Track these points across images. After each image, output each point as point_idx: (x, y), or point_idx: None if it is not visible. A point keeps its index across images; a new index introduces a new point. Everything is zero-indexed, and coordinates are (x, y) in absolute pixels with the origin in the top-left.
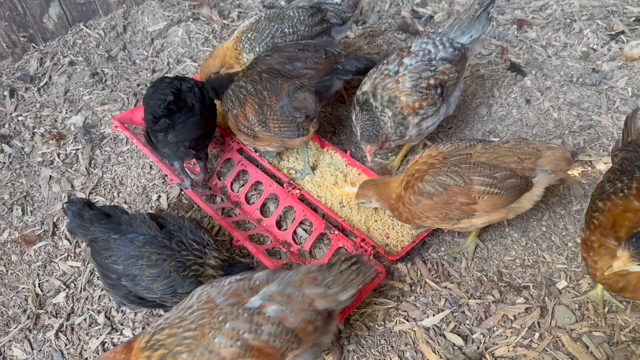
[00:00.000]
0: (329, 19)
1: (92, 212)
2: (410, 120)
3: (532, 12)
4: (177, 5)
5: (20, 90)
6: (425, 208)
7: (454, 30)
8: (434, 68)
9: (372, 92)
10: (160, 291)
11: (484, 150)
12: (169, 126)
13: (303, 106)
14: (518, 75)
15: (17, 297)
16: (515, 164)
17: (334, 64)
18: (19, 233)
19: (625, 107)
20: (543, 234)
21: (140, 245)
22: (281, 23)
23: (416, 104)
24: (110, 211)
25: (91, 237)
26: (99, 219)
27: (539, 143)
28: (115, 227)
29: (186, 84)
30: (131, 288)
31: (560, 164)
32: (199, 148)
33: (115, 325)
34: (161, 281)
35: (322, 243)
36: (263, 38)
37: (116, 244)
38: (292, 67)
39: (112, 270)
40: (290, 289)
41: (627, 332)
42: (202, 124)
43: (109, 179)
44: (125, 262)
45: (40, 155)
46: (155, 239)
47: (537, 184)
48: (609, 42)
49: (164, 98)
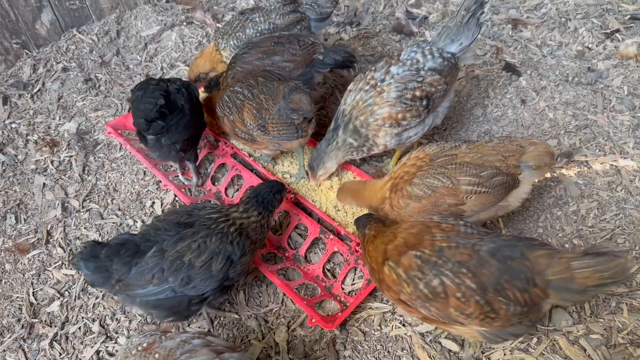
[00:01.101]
0: (304, 11)
1: (106, 247)
2: (381, 138)
3: (527, 12)
4: (170, 10)
5: (14, 97)
6: (413, 211)
7: (443, 38)
8: (422, 79)
9: (348, 116)
10: (221, 271)
11: (468, 151)
12: (162, 129)
13: (299, 107)
14: (513, 75)
15: (11, 307)
16: (500, 162)
17: (312, 54)
18: (13, 241)
19: (621, 106)
20: (539, 235)
21: (173, 246)
22: (251, 13)
23: (399, 115)
24: (120, 239)
25: (117, 277)
26: (117, 251)
27: (521, 140)
28: (136, 250)
29: (173, 85)
30: (191, 291)
31: (543, 159)
32: (189, 149)
33: (110, 333)
34: (217, 260)
35: (318, 247)
36: (233, 28)
37: (150, 263)
38: (271, 62)
39: (165, 290)
40: None
41: (624, 334)
42: (193, 123)
43: (102, 186)
44: (172, 270)
45: (33, 163)
46: (180, 233)
47: (524, 180)
48: (604, 40)
49: (155, 102)
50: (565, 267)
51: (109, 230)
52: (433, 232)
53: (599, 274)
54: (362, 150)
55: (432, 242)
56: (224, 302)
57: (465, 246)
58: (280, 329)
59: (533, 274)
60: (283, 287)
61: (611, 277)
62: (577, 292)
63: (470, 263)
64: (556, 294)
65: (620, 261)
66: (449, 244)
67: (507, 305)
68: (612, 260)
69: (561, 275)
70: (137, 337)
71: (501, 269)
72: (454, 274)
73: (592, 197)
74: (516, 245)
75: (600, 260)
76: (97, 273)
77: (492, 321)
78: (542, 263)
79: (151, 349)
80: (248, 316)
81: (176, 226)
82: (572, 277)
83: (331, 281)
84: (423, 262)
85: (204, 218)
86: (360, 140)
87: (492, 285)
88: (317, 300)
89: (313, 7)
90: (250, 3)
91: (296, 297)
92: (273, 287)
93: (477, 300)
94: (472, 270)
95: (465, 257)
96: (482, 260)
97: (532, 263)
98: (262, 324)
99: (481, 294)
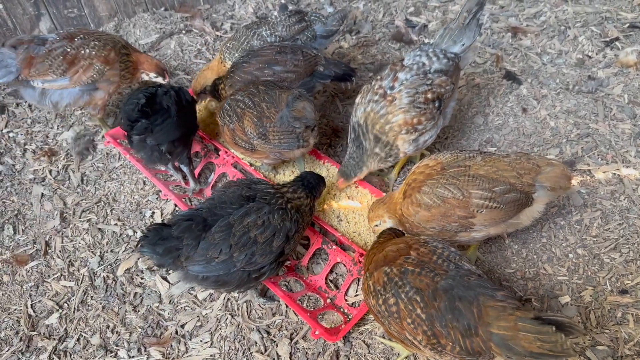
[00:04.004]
0: (310, 21)
1: (173, 226)
2: (400, 145)
3: (526, 20)
4: (169, 18)
5: (11, 106)
6: (422, 219)
7: (445, 40)
8: (431, 82)
9: (364, 126)
10: (280, 247)
11: (483, 163)
12: (146, 129)
13: (302, 116)
14: (514, 83)
15: (9, 319)
16: (515, 179)
17: (313, 66)
18: (11, 253)
19: (622, 114)
20: (543, 245)
21: (240, 221)
22: (258, 27)
23: (414, 120)
24: (187, 215)
25: (186, 255)
26: (187, 227)
27: (539, 159)
28: (204, 223)
29: (161, 89)
30: (251, 266)
31: (560, 182)
32: (178, 152)
33: (109, 346)
34: (278, 236)
35: (320, 258)
36: (240, 43)
37: (217, 238)
38: (272, 72)
39: (229, 265)
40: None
41: (631, 345)
42: (180, 125)
43: (101, 196)
44: (240, 246)
45: (31, 173)
46: (245, 207)
47: (537, 199)
48: (604, 48)
49: (137, 102)
50: (511, 326)
51: (109, 241)
52: (410, 254)
53: (539, 342)
54: (389, 160)
55: (403, 263)
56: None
57: (427, 275)
58: (283, 341)
59: (477, 323)
60: (285, 298)
61: (550, 350)
62: (521, 355)
63: (425, 292)
64: (500, 350)
65: (558, 338)
66: (414, 269)
67: (452, 342)
68: (552, 334)
69: (505, 332)
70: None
71: (447, 307)
72: (409, 299)
73: (595, 206)
74: (474, 288)
75: (543, 330)
76: (167, 254)
77: (440, 355)
78: (491, 315)
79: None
80: (250, 329)
81: (240, 199)
82: (515, 336)
83: (334, 292)
84: (388, 280)
85: (263, 192)
86: (385, 150)
87: (439, 320)
88: (320, 312)
89: (319, 19)
90: (249, 11)
91: (299, 308)
92: (275, 298)
93: (424, 330)
94: (425, 301)
95: (424, 286)
96: (437, 293)
97: (481, 311)
98: (264, 337)
99: (429, 326)
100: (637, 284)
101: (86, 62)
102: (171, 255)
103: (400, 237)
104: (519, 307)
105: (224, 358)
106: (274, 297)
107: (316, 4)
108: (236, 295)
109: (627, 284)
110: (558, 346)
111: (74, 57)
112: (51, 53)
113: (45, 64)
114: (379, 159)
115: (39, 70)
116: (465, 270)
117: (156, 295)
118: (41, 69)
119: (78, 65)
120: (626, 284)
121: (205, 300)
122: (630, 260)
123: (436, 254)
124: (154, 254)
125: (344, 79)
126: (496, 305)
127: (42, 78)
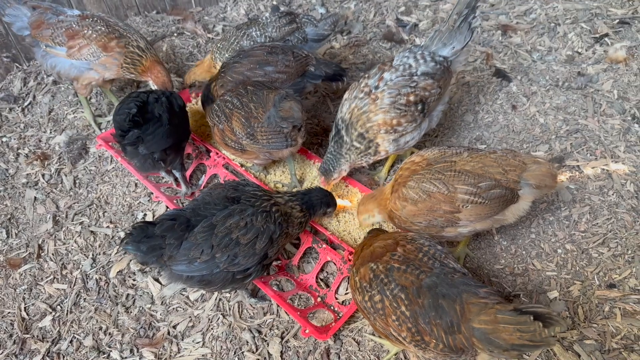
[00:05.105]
0: (300, 23)
1: (158, 224)
2: (381, 143)
3: (516, 17)
4: (161, 21)
5: (4, 110)
6: (409, 213)
7: (435, 43)
8: (415, 84)
9: (348, 123)
10: (263, 249)
11: (470, 159)
12: (138, 139)
13: (290, 115)
14: (503, 81)
15: (2, 322)
16: (500, 175)
17: (304, 66)
18: (4, 256)
19: (611, 110)
20: (532, 241)
21: (223, 222)
22: (248, 28)
23: (394, 121)
24: (171, 214)
25: (169, 253)
26: (170, 226)
27: (525, 156)
28: (187, 224)
29: (152, 96)
30: (234, 267)
31: (545, 180)
32: (171, 159)
33: (102, 348)
34: (261, 238)
35: (311, 257)
36: (230, 43)
37: (199, 239)
38: (263, 72)
39: (212, 266)
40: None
41: (618, 339)
42: (173, 132)
43: (94, 199)
44: (221, 247)
45: (24, 177)
46: (228, 208)
47: (523, 197)
48: (594, 45)
49: (128, 112)
50: (492, 319)
51: (102, 243)
52: (396, 250)
53: (518, 333)
54: (369, 154)
55: (389, 260)
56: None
57: (412, 273)
58: (274, 340)
59: (460, 320)
60: (276, 298)
61: (530, 340)
62: (503, 348)
63: (410, 290)
64: (482, 345)
65: (536, 327)
66: (400, 266)
67: (436, 340)
68: (530, 324)
69: (486, 326)
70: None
71: (431, 304)
72: (394, 297)
73: (584, 201)
74: (457, 286)
75: (521, 320)
76: (150, 252)
77: (424, 351)
78: (474, 312)
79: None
80: (242, 328)
81: (224, 200)
82: (496, 329)
83: (325, 291)
84: (374, 277)
85: (249, 194)
86: (364, 143)
87: (422, 317)
88: (310, 311)
89: (311, 21)
90: (240, 13)
91: (289, 308)
92: (267, 298)
93: (409, 327)
94: (410, 298)
95: (408, 283)
96: (421, 290)
97: (464, 308)
98: (255, 336)
99: (413, 323)
100: (624, 278)
101: (84, 41)
102: (155, 254)
103: (388, 233)
104: (500, 302)
105: (216, 358)
106: (265, 297)
107: (308, 5)
108: (228, 296)
109: (614, 278)
110: (537, 335)
111: (76, 33)
112: (59, 24)
113: (48, 31)
114: (359, 151)
115: (42, 34)
116: (450, 268)
117: (148, 297)
118: (45, 34)
119: (76, 41)
120: (614, 278)
121: (197, 301)
122: (618, 254)
123: (422, 252)
124: (138, 251)
125: (335, 79)
126: (479, 302)
127: (45, 42)
